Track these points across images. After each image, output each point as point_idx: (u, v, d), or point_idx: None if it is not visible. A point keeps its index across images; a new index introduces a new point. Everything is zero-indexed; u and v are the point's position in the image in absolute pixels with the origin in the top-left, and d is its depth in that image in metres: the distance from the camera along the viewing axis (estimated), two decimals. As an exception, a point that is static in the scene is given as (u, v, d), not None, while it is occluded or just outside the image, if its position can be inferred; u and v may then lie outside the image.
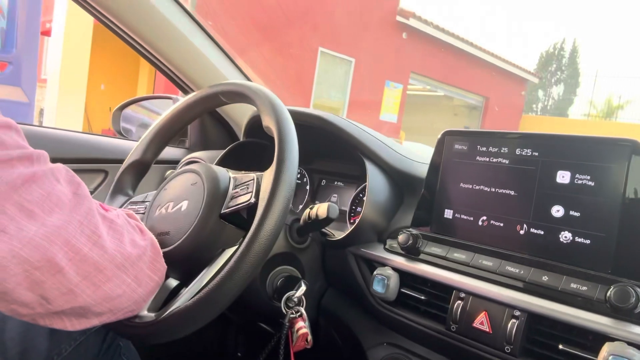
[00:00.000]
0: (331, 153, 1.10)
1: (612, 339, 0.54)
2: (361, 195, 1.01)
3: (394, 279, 0.74)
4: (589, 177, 0.61)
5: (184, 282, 0.72)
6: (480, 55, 10.78)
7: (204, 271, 0.71)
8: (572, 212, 0.62)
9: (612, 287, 0.55)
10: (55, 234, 0.47)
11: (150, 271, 0.60)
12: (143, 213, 0.84)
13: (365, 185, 0.85)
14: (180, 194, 0.79)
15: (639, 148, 0.58)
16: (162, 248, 0.75)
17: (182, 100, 0.91)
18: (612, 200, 0.59)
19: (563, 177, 0.63)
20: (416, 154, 0.93)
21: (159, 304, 0.76)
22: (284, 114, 0.73)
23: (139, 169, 0.94)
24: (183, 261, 0.73)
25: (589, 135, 0.63)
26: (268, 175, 0.69)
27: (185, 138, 1.35)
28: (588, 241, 0.61)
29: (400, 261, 0.76)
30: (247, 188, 0.73)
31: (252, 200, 0.70)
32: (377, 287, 0.75)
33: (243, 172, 0.78)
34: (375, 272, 0.76)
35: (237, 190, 0.75)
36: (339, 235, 0.86)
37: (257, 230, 0.65)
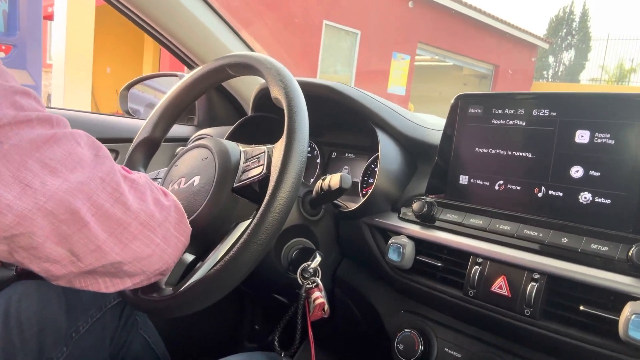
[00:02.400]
0: (341, 124, 1.08)
1: (635, 299, 0.53)
2: (373, 166, 1.00)
3: (409, 247, 0.74)
4: (608, 136, 0.60)
5: (200, 257, 0.73)
6: (488, 22, 10.52)
7: (219, 245, 0.71)
8: (591, 172, 0.61)
9: (634, 246, 0.54)
10: (77, 189, 0.48)
11: (176, 232, 0.61)
12: None
13: (377, 156, 0.84)
14: (191, 170, 0.79)
15: (662, 102, 0.56)
16: None
17: (189, 75, 0.89)
18: (633, 158, 0.58)
19: (582, 136, 0.62)
20: (428, 122, 0.91)
21: (176, 278, 0.76)
22: (293, 84, 0.72)
23: (149, 146, 0.93)
24: (198, 236, 0.74)
25: (608, 92, 0.60)
26: (279, 147, 0.68)
27: (193, 115, 1.34)
28: (608, 201, 0.59)
29: (415, 229, 0.76)
30: (259, 161, 0.72)
31: (264, 172, 0.70)
32: (393, 256, 0.75)
33: (253, 145, 0.77)
34: (390, 241, 0.76)
35: (248, 163, 0.74)
36: (351, 206, 0.86)
37: (270, 202, 0.64)
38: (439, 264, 0.72)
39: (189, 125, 1.34)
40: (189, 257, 0.81)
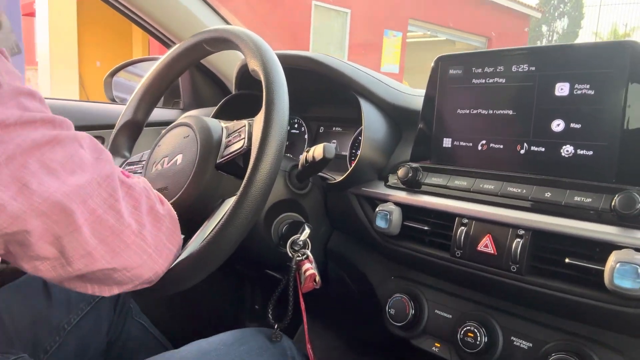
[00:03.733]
0: (327, 98, 1.07)
1: (619, 247, 0.53)
2: (360, 137, 1.00)
3: (396, 213, 0.74)
4: (588, 86, 0.59)
5: (189, 235, 0.73)
6: (479, -7, 10.39)
7: (206, 222, 0.71)
8: (572, 125, 0.60)
9: (616, 196, 0.54)
10: (75, 192, 0.48)
11: (169, 242, 0.59)
12: (141, 173, 0.84)
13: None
14: (174, 149, 0.78)
15: (636, 48, 0.55)
16: None
17: (166, 54, 0.88)
18: (613, 107, 0.57)
19: (562, 89, 0.61)
20: (412, 89, 0.90)
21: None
22: (269, 54, 0.70)
23: (132, 129, 0.93)
24: (184, 215, 0.73)
25: (585, 42, 0.60)
26: (259, 119, 0.68)
27: (178, 99, 1.33)
28: (590, 152, 0.59)
29: (402, 195, 0.75)
30: (240, 135, 0.72)
31: (246, 146, 0.69)
32: (380, 223, 0.75)
33: (235, 121, 0.76)
34: (377, 209, 0.76)
35: (230, 138, 0.74)
36: (339, 178, 0.85)
37: (252, 174, 0.64)
38: (426, 228, 0.72)
39: (175, 109, 1.33)
40: (178, 237, 0.81)
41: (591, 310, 0.56)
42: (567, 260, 0.57)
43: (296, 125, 1.15)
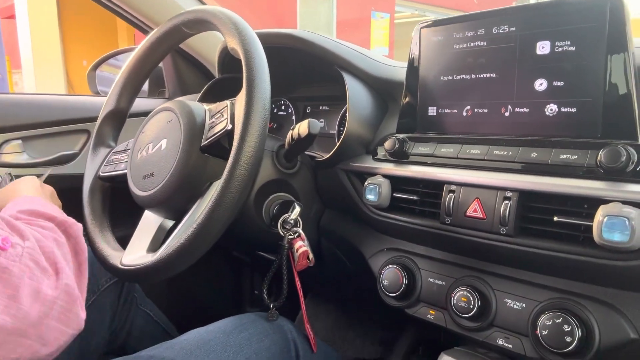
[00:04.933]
0: (313, 77, 1.06)
1: (607, 202, 0.53)
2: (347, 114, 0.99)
3: (385, 186, 0.73)
4: (569, 43, 0.58)
5: (178, 220, 0.72)
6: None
7: (194, 206, 0.71)
8: (555, 83, 0.60)
9: (601, 150, 0.53)
10: None
11: (61, 324, 0.50)
12: (127, 162, 0.83)
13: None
14: (157, 134, 0.77)
15: (617, 3, 0.54)
16: (147, 190, 0.74)
17: (144, 40, 0.87)
18: (594, 63, 0.56)
19: (543, 47, 0.60)
20: (396, 61, 0.89)
21: (158, 244, 0.76)
22: (248, 31, 0.69)
23: (116, 118, 0.92)
24: (171, 200, 0.73)
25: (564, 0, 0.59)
26: (240, 98, 0.67)
27: (164, 89, 1.32)
28: (574, 109, 0.58)
29: (390, 167, 0.75)
30: (222, 115, 0.71)
31: (229, 126, 0.68)
32: (370, 196, 0.74)
33: (218, 102, 0.75)
34: (366, 182, 0.75)
35: (213, 120, 0.73)
36: (327, 156, 0.85)
37: (237, 154, 0.63)
38: (415, 198, 0.71)
39: (161, 98, 1.31)
40: (169, 223, 0.81)
41: (582, 266, 0.56)
42: (555, 218, 0.57)
43: (283, 107, 1.14)
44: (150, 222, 0.82)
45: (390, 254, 0.77)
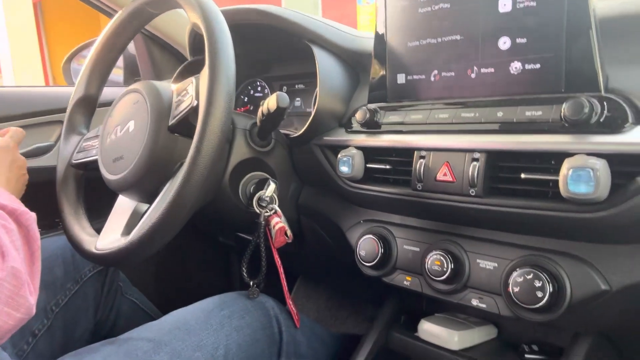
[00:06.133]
0: (287, 55, 1.05)
1: (572, 155, 0.52)
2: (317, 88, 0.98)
3: (357, 157, 0.73)
4: (530, -2, 0.57)
5: (151, 203, 0.72)
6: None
7: (164, 188, 0.70)
8: (518, 40, 0.59)
9: (564, 104, 0.53)
10: None
11: (9, 307, 0.50)
12: (97, 147, 0.82)
13: None
14: (125, 116, 0.76)
15: (577, -49, 0.54)
16: (118, 174, 0.74)
17: (110, 23, 0.85)
18: (556, 16, 0.56)
19: (505, 5, 0.59)
20: (365, 32, 0.88)
21: (132, 228, 0.75)
22: (210, 6, 0.68)
23: (86, 105, 0.90)
24: (142, 182, 0.72)
25: (525, -48, 0.58)
26: (204, 73, 0.66)
27: (139, 77, 1.30)
28: (538, 65, 0.58)
29: (362, 138, 0.74)
30: (187, 92, 0.70)
31: (194, 102, 0.68)
32: (343, 169, 0.74)
33: (183, 80, 0.74)
34: (339, 155, 0.75)
35: (179, 98, 0.72)
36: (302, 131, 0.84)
37: (203, 129, 0.63)
38: (388, 167, 0.71)
39: (137, 87, 1.30)
40: (143, 207, 0.80)
41: (552, 222, 0.56)
42: (523, 175, 0.57)
43: (259, 88, 1.13)
44: (124, 206, 0.81)
45: (366, 225, 0.77)
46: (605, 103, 0.52)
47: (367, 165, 0.73)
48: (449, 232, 0.67)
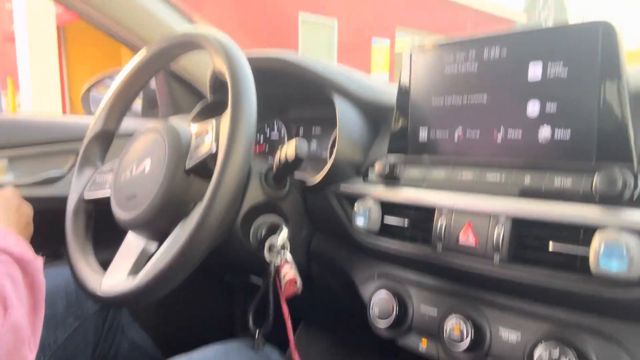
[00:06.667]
0: (305, 98, 1.05)
1: (603, 228, 0.50)
2: (337, 137, 0.98)
3: (375, 210, 0.71)
4: (561, 68, 0.57)
5: (162, 242, 0.70)
6: (464, 2, 10.50)
7: (176, 228, 0.69)
8: (548, 107, 0.58)
9: (596, 174, 0.51)
10: None
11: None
12: (111, 183, 0.81)
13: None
14: (142, 154, 0.76)
15: (609, 28, 0.53)
16: (130, 212, 0.72)
17: (132, 60, 0.86)
18: (587, 88, 0.55)
19: (535, 72, 0.59)
20: (386, 84, 0.88)
21: (139, 268, 0.73)
22: (236, 53, 0.69)
23: (104, 139, 0.90)
24: (154, 222, 0.71)
25: (556, 24, 0.58)
26: (225, 118, 0.66)
27: (157, 109, 1.31)
28: (568, 134, 0.57)
29: (380, 191, 0.73)
30: (207, 135, 0.69)
31: (214, 147, 0.67)
32: (359, 221, 0.72)
33: (204, 122, 0.74)
34: (355, 206, 0.73)
35: (198, 140, 0.71)
36: (320, 179, 0.83)
37: (220, 174, 0.62)
38: (406, 223, 0.69)
39: (154, 118, 1.30)
40: (152, 246, 0.79)
41: (580, 296, 0.53)
42: (550, 246, 0.54)
43: (276, 129, 1.13)
44: (132, 244, 0.79)
45: (381, 281, 0.74)
46: (638, 178, 0.50)
47: (384, 219, 0.72)
48: (469, 296, 0.64)
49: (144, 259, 0.76)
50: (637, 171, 0.51)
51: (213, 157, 0.66)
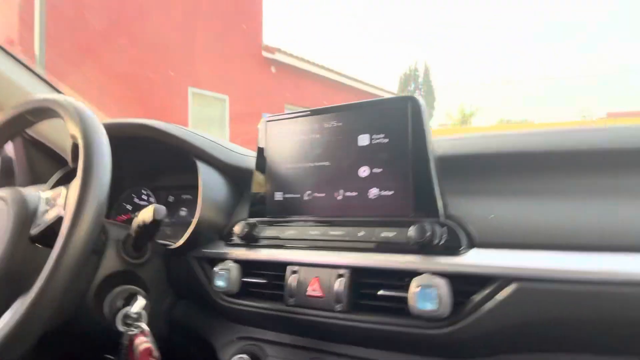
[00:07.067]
0: (174, 166, 1.06)
1: (420, 273, 0.58)
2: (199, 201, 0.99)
3: (234, 271, 0.73)
4: (383, 135, 0.67)
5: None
6: (347, 82, 11.53)
7: (17, 301, 0.63)
8: (375, 170, 0.68)
9: (411, 227, 0.60)
10: None
11: None
12: None
13: None
14: None
15: (416, 102, 0.65)
16: None
17: (-19, 126, 0.82)
18: (404, 152, 0.65)
19: (363, 140, 0.69)
20: (248, 150, 0.94)
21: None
22: (89, 117, 0.69)
23: None
24: None
25: (377, 99, 0.69)
26: (75, 184, 0.65)
27: (13, 178, 1.22)
28: (391, 193, 0.66)
29: (240, 251, 0.76)
30: (56, 202, 0.67)
31: (62, 213, 0.65)
32: (219, 282, 0.73)
33: (55, 188, 0.72)
34: (215, 268, 0.75)
35: (47, 207, 0.69)
36: (181, 242, 0.83)
37: (65, 243, 0.59)
38: (264, 281, 0.72)
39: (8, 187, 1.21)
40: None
41: (406, 338, 0.60)
42: (380, 292, 0.61)
43: (144, 196, 1.11)
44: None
45: (239, 343, 0.75)
46: (444, 228, 0.60)
47: (243, 279, 0.74)
48: (319, 349, 0.67)
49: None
50: (442, 222, 0.61)
51: (61, 222, 0.64)
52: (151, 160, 1.05)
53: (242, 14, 9.16)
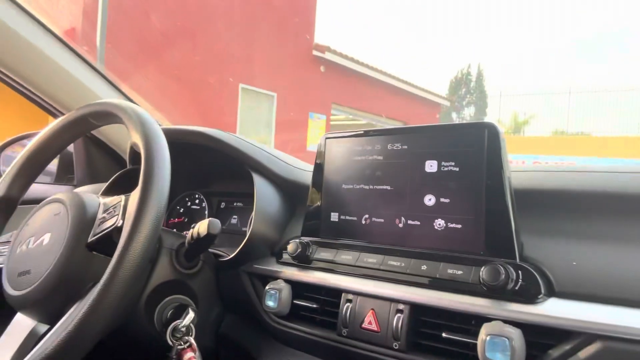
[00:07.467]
0: (228, 173, 1.06)
1: (489, 319, 0.53)
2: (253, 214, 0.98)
3: (285, 291, 0.71)
4: (453, 163, 0.63)
5: (53, 325, 0.64)
6: (395, 83, 11.37)
7: (70, 310, 0.64)
8: (442, 199, 0.63)
9: (483, 268, 0.55)
10: None
11: None
12: (5, 255, 0.75)
13: None
14: (41, 227, 0.71)
15: (494, 129, 0.60)
16: (21, 289, 0.67)
17: (48, 127, 0.83)
18: (476, 183, 0.61)
19: (431, 166, 0.64)
20: (305, 164, 0.91)
21: (24, 353, 0.67)
22: (152, 127, 0.69)
23: (5, 206, 0.84)
24: (46, 301, 0.66)
25: (450, 123, 0.64)
26: (135, 194, 0.64)
27: (72, 175, 1.25)
28: (460, 226, 0.61)
29: (292, 272, 0.73)
30: (115, 210, 0.67)
31: (119, 222, 0.65)
32: (270, 302, 0.71)
33: (115, 196, 0.72)
34: (266, 287, 0.73)
35: (105, 215, 0.69)
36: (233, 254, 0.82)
37: (122, 253, 0.59)
38: (315, 306, 0.69)
39: (69, 185, 1.24)
40: (42, 328, 0.72)
41: (470, 385, 0.55)
42: (444, 334, 0.57)
43: (197, 201, 1.11)
44: (20, 326, 0.72)
45: (287, 367, 0.72)
46: (520, 272, 0.55)
47: (294, 301, 0.71)
48: (370, 385, 0.64)
49: (31, 342, 0.69)
50: (518, 264, 0.56)
51: (118, 231, 0.64)
52: (206, 166, 1.05)
53: (296, 12, 9.21)
